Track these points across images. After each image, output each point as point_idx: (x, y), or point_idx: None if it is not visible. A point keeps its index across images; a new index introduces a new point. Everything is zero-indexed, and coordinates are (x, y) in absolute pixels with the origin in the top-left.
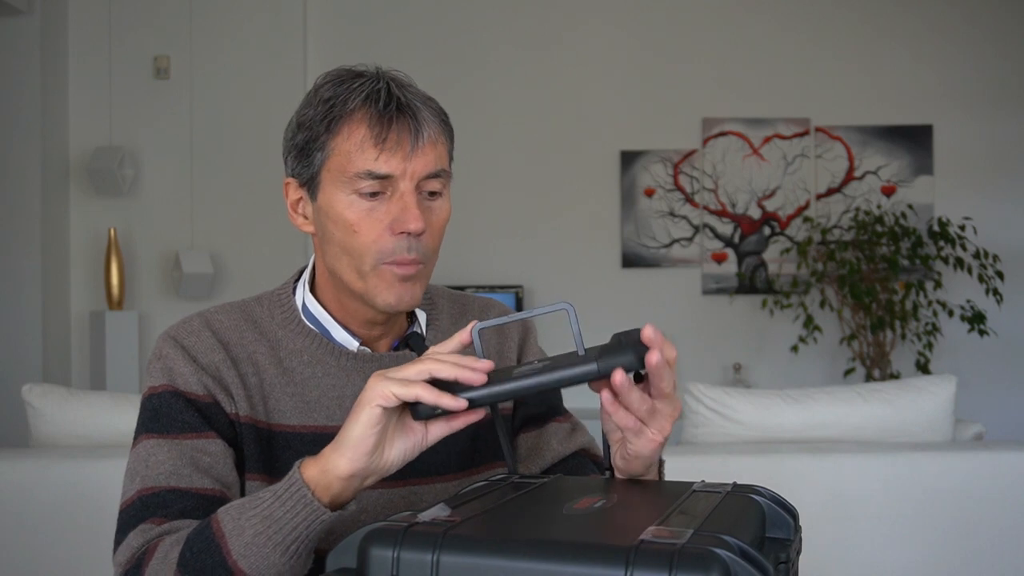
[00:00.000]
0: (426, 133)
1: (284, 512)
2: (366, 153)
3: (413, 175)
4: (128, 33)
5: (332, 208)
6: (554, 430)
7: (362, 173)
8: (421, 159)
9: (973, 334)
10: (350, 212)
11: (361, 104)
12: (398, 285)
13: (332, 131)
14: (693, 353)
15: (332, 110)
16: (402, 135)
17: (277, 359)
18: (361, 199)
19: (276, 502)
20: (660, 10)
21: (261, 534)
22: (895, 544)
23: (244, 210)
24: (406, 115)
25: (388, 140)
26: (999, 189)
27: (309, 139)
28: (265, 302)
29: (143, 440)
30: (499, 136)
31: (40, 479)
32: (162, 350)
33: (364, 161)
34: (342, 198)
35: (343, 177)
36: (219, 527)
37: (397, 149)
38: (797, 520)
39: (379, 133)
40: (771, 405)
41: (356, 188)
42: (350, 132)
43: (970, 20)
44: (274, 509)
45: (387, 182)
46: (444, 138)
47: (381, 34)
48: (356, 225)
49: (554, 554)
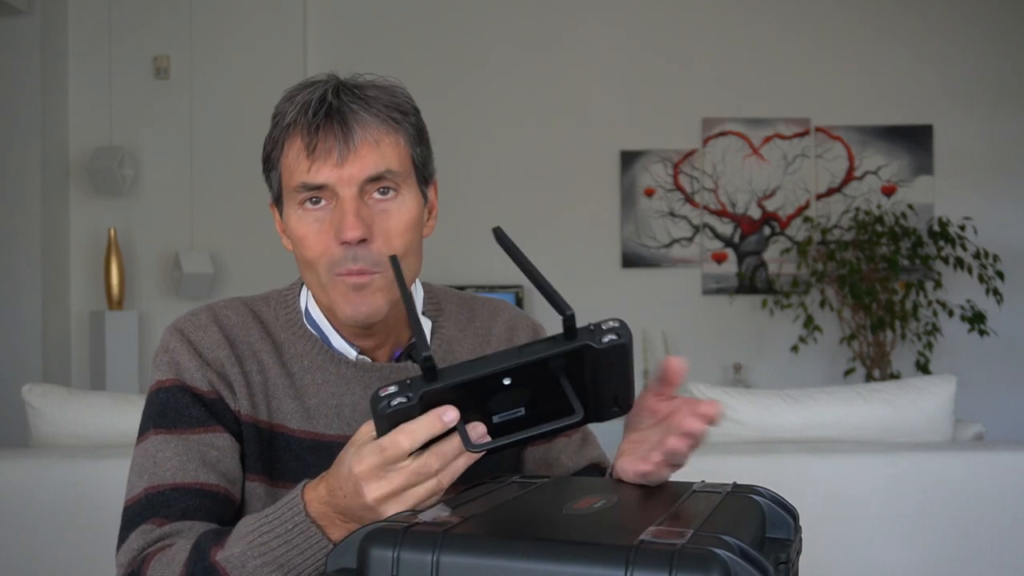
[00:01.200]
0: (358, 136)
1: (296, 556)
2: (301, 165)
3: (350, 181)
4: (128, 33)
5: (288, 225)
6: (563, 445)
7: (299, 186)
8: (356, 163)
9: (973, 334)
10: (300, 226)
11: (296, 117)
12: (352, 295)
13: (279, 148)
14: (693, 353)
15: (276, 128)
16: (329, 143)
17: (281, 361)
18: (307, 212)
19: (280, 544)
20: (660, 10)
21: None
22: (895, 544)
23: (244, 210)
24: (334, 121)
25: (317, 149)
26: (999, 189)
27: (266, 160)
28: (272, 302)
29: (151, 435)
30: (499, 136)
31: (40, 479)
32: (169, 343)
33: (300, 173)
34: (293, 214)
35: (290, 193)
36: (224, 571)
37: (327, 157)
38: (797, 520)
39: (309, 143)
40: (771, 405)
41: (298, 201)
42: (289, 147)
43: (970, 20)
44: (284, 555)
45: (326, 192)
46: (393, 138)
47: (381, 34)
48: (305, 239)
49: (554, 554)
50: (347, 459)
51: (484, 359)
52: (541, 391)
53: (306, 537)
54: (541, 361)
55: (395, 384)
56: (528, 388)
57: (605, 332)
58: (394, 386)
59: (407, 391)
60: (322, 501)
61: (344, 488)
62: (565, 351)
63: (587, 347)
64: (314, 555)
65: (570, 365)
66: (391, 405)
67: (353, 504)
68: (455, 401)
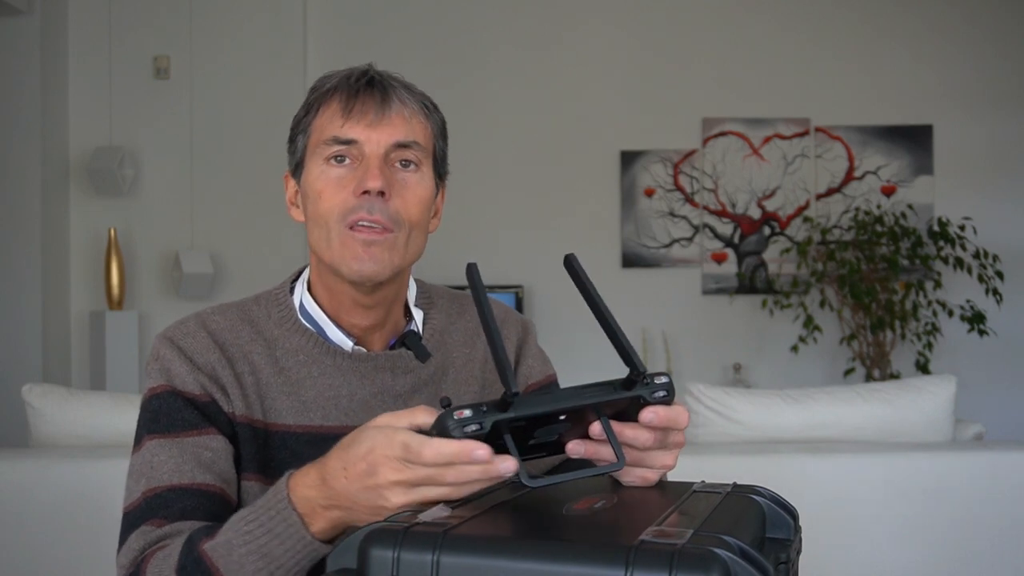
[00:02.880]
0: (395, 105)
1: (276, 545)
2: (335, 122)
3: (379, 142)
4: (128, 33)
5: (307, 183)
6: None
7: (329, 139)
8: (387, 128)
9: (973, 334)
10: (320, 181)
11: (336, 84)
12: (361, 250)
13: (311, 113)
14: (693, 353)
15: (311, 97)
16: (367, 103)
17: (273, 358)
18: (330, 167)
19: (265, 534)
20: (660, 10)
21: (262, 570)
22: (895, 544)
23: (244, 210)
24: (375, 87)
25: (354, 109)
26: (999, 189)
27: (295, 128)
28: (263, 301)
29: (146, 442)
30: (499, 136)
31: (40, 479)
32: (159, 351)
33: (332, 128)
34: (315, 170)
35: (317, 150)
36: (210, 561)
37: (362, 116)
38: (797, 520)
39: (347, 103)
40: (771, 405)
41: (325, 156)
42: (324, 109)
43: (970, 20)
44: (268, 545)
45: (353, 148)
46: (423, 121)
47: (381, 34)
48: (323, 191)
49: (554, 554)
50: (370, 439)
51: (549, 394)
52: (578, 422)
53: (287, 525)
54: (600, 404)
55: (470, 408)
56: (570, 420)
57: (658, 387)
58: (469, 410)
59: (481, 418)
60: (310, 486)
61: (356, 467)
62: (622, 398)
63: (640, 397)
64: (293, 546)
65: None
66: (465, 432)
67: (355, 486)
68: (515, 427)
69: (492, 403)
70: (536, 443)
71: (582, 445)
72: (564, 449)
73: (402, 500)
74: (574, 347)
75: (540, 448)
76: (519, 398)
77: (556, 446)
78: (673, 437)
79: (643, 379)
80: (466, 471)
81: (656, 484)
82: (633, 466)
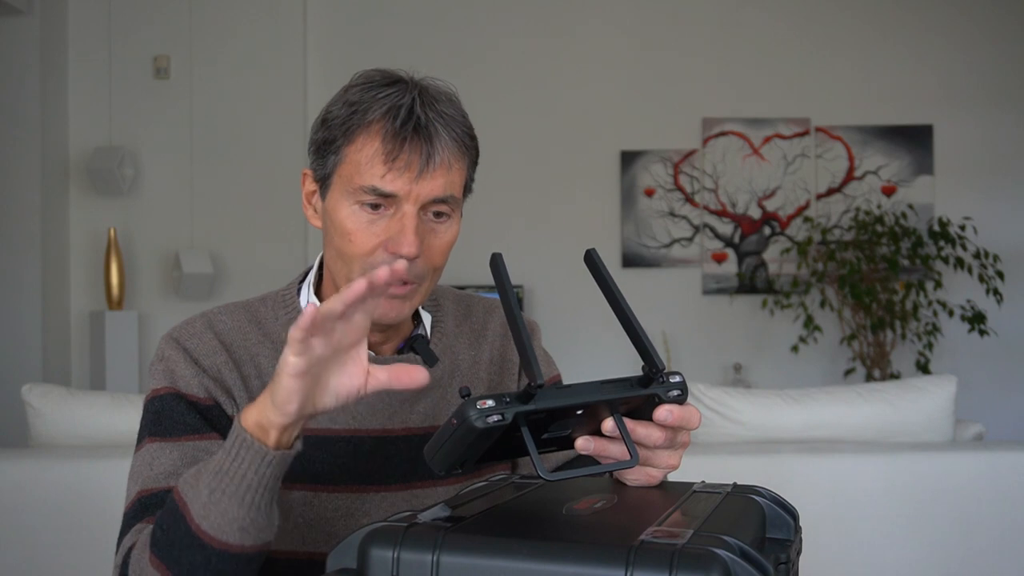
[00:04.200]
0: (439, 158)
1: (231, 461)
2: (375, 168)
3: (418, 198)
4: (128, 33)
5: (335, 213)
6: None
7: (367, 188)
8: (429, 183)
9: (973, 334)
10: (350, 221)
11: (380, 117)
12: (384, 302)
13: (348, 138)
14: (693, 353)
15: (352, 116)
16: (412, 157)
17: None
18: (362, 211)
19: (224, 455)
20: (660, 10)
21: (216, 490)
22: (895, 544)
23: (244, 210)
24: (421, 137)
25: (398, 160)
26: (999, 189)
27: (328, 140)
28: (270, 303)
29: (146, 443)
30: (499, 136)
31: (40, 479)
32: (164, 352)
33: (371, 176)
34: (345, 206)
35: (350, 186)
36: (179, 497)
37: (405, 170)
38: (797, 520)
39: (391, 151)
40: (771, 405)
41: (359, 200)
42: (364, 143)
43: (970, 20)
44: (223, 463)
45: (391, 200)
46: (461, 163)
47: (381, 34)
48: (353, 235)
49: (554, 555)
50: None
51: (569, 388)
52: (590, 418)
53: (240, 441)
54: (618, 400)
55: (493, 398)
56: (584, 415)
57: (673, 387)
58: (492, 400)
59: (503, 408)
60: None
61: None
62: (639, 395)
63: (655, 396)
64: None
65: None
66: (487, 422)
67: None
68: (533, 420)
69: (514, 394)
70: (548, 437)
71: (591, 442)
72: (572, 445)
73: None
74: (574, 347)
75: (551, 443)
76: (541, 391)
77: (566, 441)
78: (681, 437)
79: (660, 377)
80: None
81: (657, 484)
82: (640, 465)
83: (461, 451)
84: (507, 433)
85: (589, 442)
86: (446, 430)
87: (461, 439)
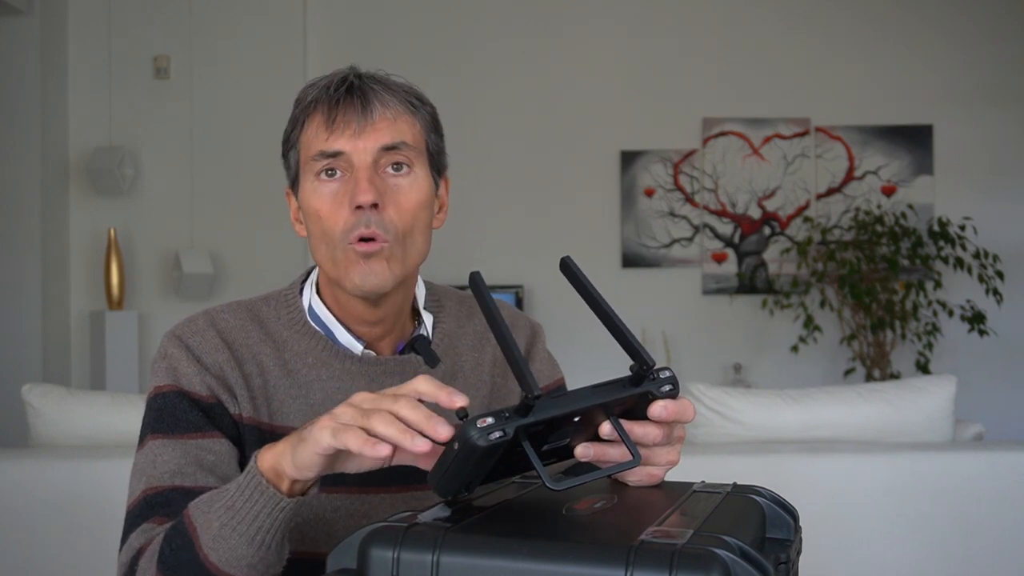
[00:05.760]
0: (378, 112)
1: (244, 502)
2: (320, 136)
3: (365, 150)
4: (128, 33)
5: (304, 200)
6: None
7: (316, 155)
8: (372, 134)
9: (973, 334)
10: (315, 199)
11: (317, 95)
12: (361, 264)
13: (298, 127)
14: (693, 353)
15: (297, 108)
16: (348, 115)
17: (282, 360)
18: (322, 183)
19: (238, 493)
20: (660, 10)
21: (226, 526)
22: (895, 544)
23: (244, 210)
24: (355, 96)
25: (337, 120)
26: (999, 189)
27: (285, 141)
28: (272, 302)
29: (149, 441)
30: (499, 136)
31: (40, 479)
32: (167, 349)
33: (318, 143)
34: (308, 187)
35: (307, 167)
36: (190, 521)
37: (345, 128)
38: (797, 520)
39: (330, 115)
40: (771, 405)
41: (315, 171)
42: (309, 124)
43: (970, 20)
44: (236, 500)
45: (341, 160)
46: (409, 117)
47: (381, 34)
48: (321, 210)
49: (554, 555)
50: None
51: (564, 396)
52: (587, 424)
53: (250, 479)
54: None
55: (492, 416)
56: (582, 421)
57: (663, 382)
58: (492, 418)
59: (504, 424)
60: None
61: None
62: (633, 395)
63: (648, 393)
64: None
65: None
66: (489, 439)
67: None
68: (532, 432)
69: (512, 409)
70: (548, 449)
71: (591, 447)
72: (572, 454)
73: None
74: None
75: (552, 454)
76: (539, 402)
77: (565, 451)
78: (677, 431)
79: (651, 374)
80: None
81: (658, 483)
82: (641, 464)
83: (465, 473)
84: (508, 450)
85: (588, 449)
86: (448, 454)
87: (464, 460)
